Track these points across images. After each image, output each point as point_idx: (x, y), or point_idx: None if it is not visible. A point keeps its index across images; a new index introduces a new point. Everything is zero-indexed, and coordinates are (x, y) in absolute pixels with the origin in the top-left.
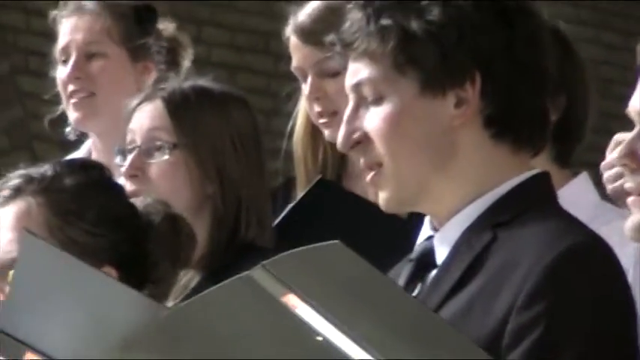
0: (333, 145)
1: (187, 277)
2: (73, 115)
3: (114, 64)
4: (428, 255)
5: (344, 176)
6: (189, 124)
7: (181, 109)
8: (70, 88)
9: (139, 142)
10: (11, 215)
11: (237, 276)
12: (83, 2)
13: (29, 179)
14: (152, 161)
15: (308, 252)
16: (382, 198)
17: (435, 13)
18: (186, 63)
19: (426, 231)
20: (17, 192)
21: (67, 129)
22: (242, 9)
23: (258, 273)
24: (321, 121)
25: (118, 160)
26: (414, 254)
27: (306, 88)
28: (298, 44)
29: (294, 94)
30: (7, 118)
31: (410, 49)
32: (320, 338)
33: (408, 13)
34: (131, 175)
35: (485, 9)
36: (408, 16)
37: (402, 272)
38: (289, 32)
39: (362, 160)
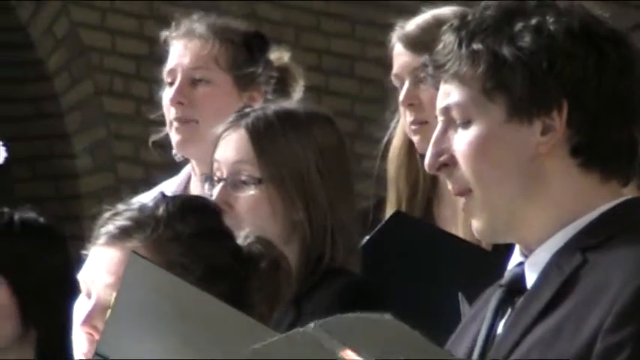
0: None
1: None
2: (175, 138)
3: (219, 91)
4: (518, 281)
5: (434, 198)
6: (274, 156)
7: (265, 139)
8: (173, 112)
9: (224, 174)
10: (115, 259)
11: (293, 330)
12: (194, 25)
13: (140, 224)
14: (239, 194)
15: (360, 319)
16: (475, 227)
17: (526, 40)
18: (297, 94)
19: (516, 257)
20: (126, 235)
21: (173, 151)
22: (328, 33)
23: (314, 330)
24: (413, 127)
25: (206, 187)
26: (504, 280)
27: (401, 94)
28: (401, 51)
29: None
30: (91, 138)
31: (499, 75)
32: None
33: (499, 39)
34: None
35: (577, 38)
36: (499, 42)
37: (492, 297)
38: (395, 40)
39: (449, 184)
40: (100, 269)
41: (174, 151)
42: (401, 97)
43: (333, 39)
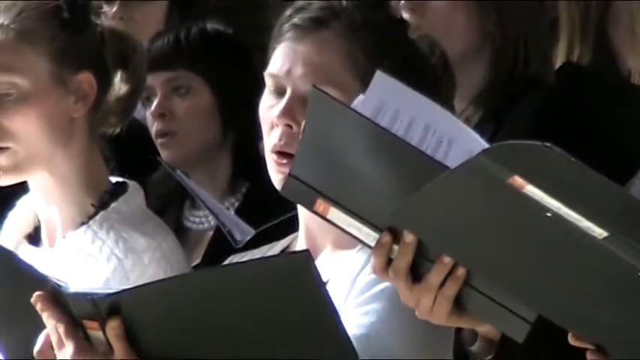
0: None
1: (466, 113)
2: None
3: None
4: None
5: (607, 18)
6: None
7: None
8: None
9: None
10: (311, 50)
11: (459, 164)
12: None
13: (334, 13)
14: (431, 1)
15: (523, 145)
16: None
17: None
18: None
19: None
20: (320, 24)
21: None
22: None
23: (478, 160)
24: None
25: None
26: None
27: None
28: None
29: None
30: None
31: None
32: (549, 214)
33: None
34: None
35: None
36: None
37: None
38: None
39: None
40: (294, 62)
41: None
42: None
43: None
